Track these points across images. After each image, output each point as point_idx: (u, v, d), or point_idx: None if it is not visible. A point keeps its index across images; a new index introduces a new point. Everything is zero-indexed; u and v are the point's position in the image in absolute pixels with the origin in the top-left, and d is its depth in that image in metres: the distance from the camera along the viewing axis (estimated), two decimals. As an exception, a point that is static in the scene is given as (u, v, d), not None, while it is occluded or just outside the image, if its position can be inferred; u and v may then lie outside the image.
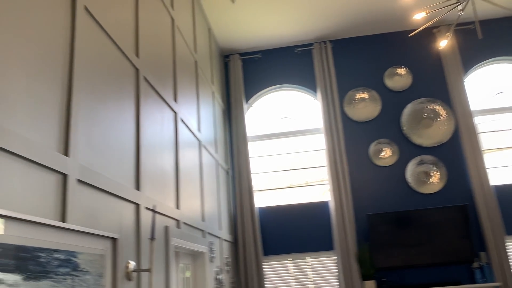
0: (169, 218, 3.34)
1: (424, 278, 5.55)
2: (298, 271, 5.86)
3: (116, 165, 2.51)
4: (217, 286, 4.63)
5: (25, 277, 1.55)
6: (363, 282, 5.47)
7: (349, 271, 5.50)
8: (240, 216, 5.97)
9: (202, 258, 4.27)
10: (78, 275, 1.91)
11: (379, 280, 5.56)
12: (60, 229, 1.81)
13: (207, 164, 4.90)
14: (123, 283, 2.40)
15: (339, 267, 5.56)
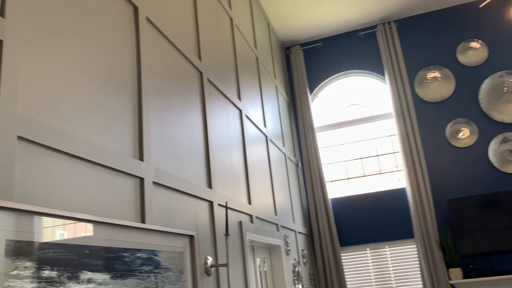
0: (242, 214, 3.42)
1: (517, 264, 5.17)
2: (377, 260, 5.72)
3: (187, 166, 2.63)
4: (295, 278, 4.66)
5: (112, 275, 1.68)
6: (448, 270, 5.22)
7: (431, 259, 5.27)
8: (313, 208, 5.95)
9: (278, 251, 4.32)
10: (160, 272, 2.03)
11: (465, 267, 5.27)
12: (141, 230, 1.93)
13: (275, 158, 4.94)
14: (202, 278, 2.51)
15: (420, 255, 5.35)
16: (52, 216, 1.41)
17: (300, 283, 4.83)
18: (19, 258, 1.25)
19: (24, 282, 1.26)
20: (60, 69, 1.66)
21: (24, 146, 1.40)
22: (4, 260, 1.20)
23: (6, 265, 1.21)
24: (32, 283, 1.29)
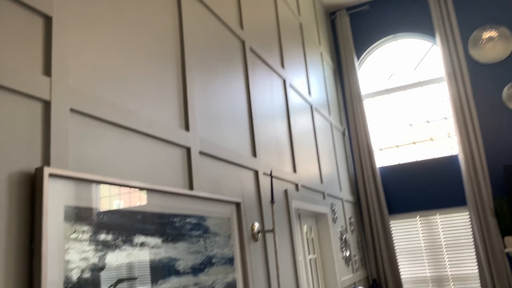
0: (287, 182, 3.45)
1: None
2: (427, 229, 5.62)
3: (231, 135, 2.67)
4: (342, 245, 4.69)
5: (164, 239, 1.77)
6: (503, 238, 5.04)
7: (485, 227, 5.09)
8: (360, 177, 5.89)
9: (324, 219, 4.34)
10: (209, 237, 2.11)
11: (522, 236, 5.06)
12: (189, 197, 2.01)
13: (321, 127, 4.89)
14: (250, 244, 2.58)
15: (473, 223, 5.19)
16: (107, 183, 1.50)
17: (348, 250, 4.85)
18: (77, 223, 1.35)
19: (83, 244, 1.36)
20: (107, 43, 1.72)
21: (76, 118, 1.48)
22: (63, 224, 1.30)
23: (65, 229, 1.30)
24: (90, 246, 1.38)
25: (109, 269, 1.44)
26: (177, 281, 1.79)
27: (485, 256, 5.06)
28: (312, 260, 4.09)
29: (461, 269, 5.39)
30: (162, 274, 1.71)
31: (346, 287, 4.54)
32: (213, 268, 2.08)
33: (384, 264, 5.53)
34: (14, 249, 1.16)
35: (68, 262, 1.28)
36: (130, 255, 1.55)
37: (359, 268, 5.30)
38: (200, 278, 1.95)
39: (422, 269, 5.56)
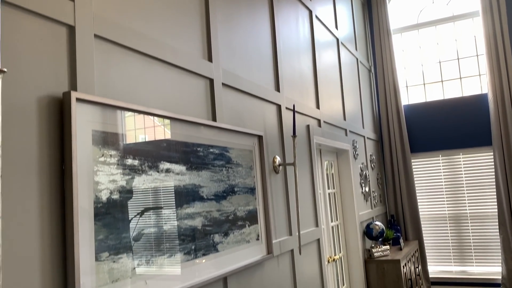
0: (309, 118, 3.45)
1: None
2: (449, 168, 5.60)
3: (255, 69, 2.64)
4: (362, 181, 4.75)
5: (188, 167, 1.82)
6: (526, 179, 5.00)
7: (509, 167, 5.04)
8: (384, 114, 5.82)
9: (345, 155, 4.37)
10: (231, 167, 2.16)
11: (547, 178, 5.01)
12: (212, 127, 2.04)
13: (347, 62, 4.78)
14: (271, 175, 2.64)
15: (496, 163, 5.14)
16: (132, 110, 1.53)
17: (367, 186, 4.91)
18: (104, 147, 1.40)
19: (111, 168, 1.42)
20: (128, -32, 1.68)
21: (101, 44, 1.49)
22: (91, 147, 1.35)
23: (94, 152, 1.36)
24: (118, 169, 1.44)
25: (136, 192, 1.51)
26: (200, 206, 1.87)
27: (506, 196, 5.06)
28: (331, 194, 4.17)
29: (480, 208, 5.42)
30: (187, 199, 1.78)
31: (364, 221, 4.65)
32: (235, 196, 2.16)
33: (403, 200, 5.61)
34: (46, 169, 1.22)
35: (98, 183, 1.35)
36: (156, 180, 1.62)
37: (378, 204, 5.39)
38: (222, 204, 2.03)
39: (441, 207, 5.62)
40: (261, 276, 2.38)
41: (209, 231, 1.91)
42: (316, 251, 3.23)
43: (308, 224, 3.13)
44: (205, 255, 1.86)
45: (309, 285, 3.01)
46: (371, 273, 4.38)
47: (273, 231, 2.56)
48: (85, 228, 1.28)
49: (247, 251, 2.21)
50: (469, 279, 5.38)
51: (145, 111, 1.58)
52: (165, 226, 1.64)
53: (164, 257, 1.61)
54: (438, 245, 5.63)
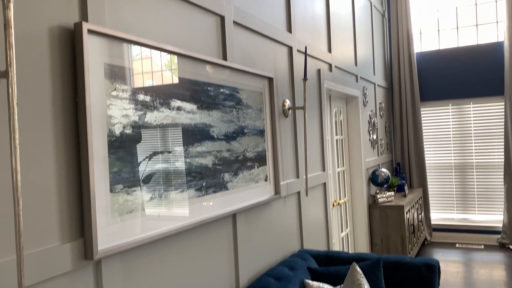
0: (321, 62, 3.39)
1: None
2: (458, 117, 5.56)
3: (267, 8, 2.56)
4: (370, 129, 4.74)
5: (199, 106, 1.82)
6: (536, 130, 4.96)
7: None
8: (396, 62, 5.70)
9: (355, 101, 4.33)
10: (241, 108, 2.16)
11: (557, 129, 4.96)
12: (223, 67, 2.01)
13: (360, 6, 4.61)
14: (280, 119, 2.64)
15: (506, 112, 5.08)
16: (144, 45, 1.50)
17: (375, 134, 4.91)
18: (117, 81, 1.39)
19: (123, 102, 1.42)
20: None
21: (110, -25, 1.43)
22: (104, 81, 1.34)
23: (106, 86, 1.35)
24: (130, 104, 1.44)
25: (149, 128, 1.51)
26: (211, 145, 1.88)
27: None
28: (338, 141, 4.19)
29: (487, 157, 5.44)
30: (198, 138, 1.79)
31: (370, 167, 4.70)
32: (244, 137, 2.17)
33: (410, 149, 5.62)
34: (60, 100, 1.22)
35: (111, 117, 1.35)
36: (168, 117, 1.62)
37: (384, 151, 5.42)
38: (232, 145, 2.05)
39: (448, 156, 5.64)
40: (269, 215, 2.44)
41: (219, 170, 1.93)
42: (322, 195, 3.29)
43: (315, 168, 3.17)
44: (215, 193, 1.90)
45: (314, 227, 3.09)
46: (374, 217, 4.48)
47: (281, 173, 2.60)
48: (99, 160, 1.30)
49: (256, 191, 2.25)
50: (470, 226, 5.50)
51: (157, 46, 1.55)
52: (177, 163, 1.66)
53: (176, 192, 1.65)
54: (442, 193, 5.71)
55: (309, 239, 2.97)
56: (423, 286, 2.22)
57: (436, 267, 2.24)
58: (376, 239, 4.48)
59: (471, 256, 4.92)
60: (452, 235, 5.59)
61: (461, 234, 5.53)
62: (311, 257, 2.52)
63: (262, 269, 2.33)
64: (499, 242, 5.26)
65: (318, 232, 3.16)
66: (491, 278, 4.16)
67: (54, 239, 1.18)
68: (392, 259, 2.34)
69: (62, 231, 1.21)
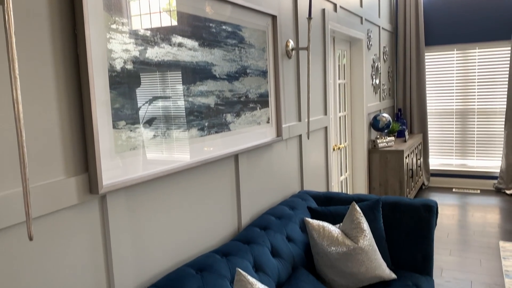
0: (326, 1, 3.27)
1: None
2: (463, 62, 5.46)
3: None
4: (373, 73, 4.67)
5: (200, 43, 1.77)
6: (541, 75, 4.90)
7: (525, 63, 4.91)
8: (402, 4, 5.51)
9: (359, 44, 4.23)
10: (244, 47, 2.10)
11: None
12: (225, 2, 1.93)
13: None
14: (283, 59, 2.58)
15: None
16: (141, -24, 1.43)
17: (378, 79, 4.85)
18: (116, 14, 1.34)
19: (123, 36, 1.37)
20: None
21: None
22: (103, 13, 1.29)
23: (105, 18, 1.30)
24: (130, 39, 1.40)
25: (150, 64, 1.48)
26: (213, 84, 1.85)
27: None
28: (341, 85, 4.14)
29: (489, 104, 5.41)
30: (200, 77, 1.76)
31: (372, 112, 4.68)
32: (247, 78, 2.13)
33: (412, 95, 5.58)
34: (58, 31, 1.18)
35: (111, 51, 1.32)
36: (169, 54, 1.58)
37: (386, 97, 5.37)
38: (234, 85, 2.02)
39: (450, 102, 5.61)
40: (270, 157, 2.46)
41: (222, 110, 1.92)
42: (323, 138, 3.29)
43: (317, 112, 3.15)
44: (218, 133, 1.89)
45: (314, 169, 3.12)
46: (373, 162, 4.53)
47: (283, 116, 2.58)
48: (101, 96, 1.28)
49: (258, 133, 2.24)
50: (468, 171, 5.57)
51: (156, -22, 1.48)
52: (179, 101, 1.64)
53: (179, 131, 1.64)
54: (442, 139, 5.73)
55: (309, 182, 3.01)
56: (421, 225, 2.27)
57: (434, 207, 2.28)
58: (374, 183, 4.55)
59: (467, 200, 5.03)
60: (449, 180, 5.68)
61: (459, 179, 5.62)
62: (311, 198, 2.57)
63: (263, 208, 2.38)
64: (495, 187, 5.35)
65: (318, 175, 3.20)
66: (485, 221, 4.27)
67: (59, 173, 1.19)
68: (391, 200, 2.38)
69: (67, 165, 1.21)
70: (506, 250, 3.49)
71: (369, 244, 2.02)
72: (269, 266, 1.84)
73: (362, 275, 1.99)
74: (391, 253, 2.31)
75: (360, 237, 2.02)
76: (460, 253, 3.52)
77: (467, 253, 3.51)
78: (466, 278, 3.08)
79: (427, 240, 2.27)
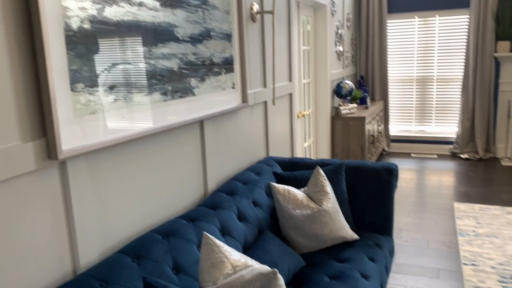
0: (290, -36, 3.20)
1: None
2: (423, 30, 5.56)
3: None
4: (337, 40, 4.68)
5: (162, 3, 1.70)
6: (496, 42, 5.06)
7: (482, 30, 5.06)
8: (365, -30, 5.50)
9: (323, 10, 4.21)
10: (208, 9, 2.04)
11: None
12: (186, -39, 1.85)
13: None
14: (248, 23, 2.53)
15: (470, 25, 5.12)
16: None
17: (341, 46, 4.87)
18: (70, -32, 1.25)
19: (80, -7, 1.29)
20: None
21: None
22: (56, -34, 1.20)
23: (59, -28, 1.21)
24: (87, -4, 1.32)
25: (109, 24, 1.41)
26: (176, 47, 1.79)
27: (473, 60, 5.16)
28: (305, 51, 4.13)
29: (448, 71, 5.56)
30: (161, 38, 1.69)
31: (335, 79, 4.71)
32: (211, 41, 2.07)
33: (374, 62, 5.65)
34: (7, -13, 1.10)
35: (66, 9, 1.24)
36: (129, 13, 1.51)
37: (350, 64, 5.42)
38: (198, 48, 1.96)
39: (410, 70, 5.73)
40: (236, 123, 2.44)
41: (186, 75, 1.87)
42: (288, 105, 3.30)
43: (282, 79, 3.14)
44: (182, 98, 1.85)
45: (279, 136, 3.14)
46: (336, 128, 4.60)
47: (248, 81, 2.55)
48: (57, 56, 1.21)
49: (223, 98, 2.21)
50: (426, 137, 5.77)
51: None
52: (140, 64, 1.58)
53: (141, 95, 1.59)
54: (402, 106, 5.88)
55: (274, 148, 3.03)
56: (382, 188, 2.35)
57: (394, 170, 2.35)
58: (337, 149, 4.64)
59: (425, 164, 5.23)
60: (408, 145, 5.87)
61: (417, 144, 5.82)
62: (276, 163, 2.59)
63: (229, 174, 2.38)
64: (451, 152, 5.59)
65: (283, 141, 3.22)
66: (441, 184, 4.47)
67: (14, 137, 1.13)
68: (354, 164, 2.43)
69: (23, 129, 1.15)
70: (460, 211, 3.68)
71: (333, 206, 2.07)
72: (236, 230, 1.86)
73: (326, 236, 2.05)
74: (353, 215, 2.38)
75: (324, 199, 2.07)
76: (417, 215, 3.68)
77: (424, 214, 3.68)
78: (423, 238, 3.23)
79: (388, 202, 2.35)
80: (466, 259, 2.86)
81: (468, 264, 2.79)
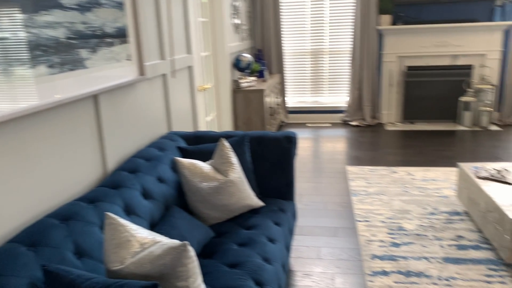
0: None
1: (441, 15, 5.50)
2: (315, 3, 5.78)
3: None
4: (233, 13, 4.67)
5: (42, -36, 1.52)
6: (378, 16, 5.47)
7: (367, 5, 5.41)
8: None
9: (218, -18, 4.15)
10: (95, -26, 1.88)
11: (396, 15, 5.54)
12: None
13: None
14: (141, -8, 2.39)
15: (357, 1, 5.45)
16: None
17: (238, 19, 4.87)
18: None
19: None
20: None
21: None
22: None
23: None
24: None
25: (-24, -14, 1.22)
26: (62, 15, 1.63)
27: (360, 33, 5.53)
28: (203, 23, 4.05)
29: (338, 44, 5.89)
30: (44, 5, 1.53)
31: (234, 52, 4.72)
32: (101, 9, 1.93)
33: (270, 36, 5.76)
34: None
35: None
36: (2, -26, 1.33)
37: (247, 37, 5.46)
38: (87, 17, 1.81)
39: (304, 43, 5.95)
40: (134, 97, 2.33)
41: (75, 45, 1.72)
42: (188, 79, 3.23)
43: (180, 51, 3.05)
44: (72, 71, 1.70)
45: (181, 111, 3.07)
46: (238, 102, 4.65)
47: (145, 53, 2.44)
48: None
49: (118, 71, 2.09)
50: (320, 107, 6.10)
51: None
52: (20, 33, 1.41)
53: (25, 68, 1.43)
54: (298, 78, 6.11)
55: (176, 123, 2.96)
56: (283, 156, 2.44)
57: (294, 138, 2.45)
58: (239, 122, 4.70)
59: (319, 133, 5.55)
60: (304, 116, 6.16)
61: (312, 115, 6.13)
62: (180, 138, 2.54)
63: (130, 151, 2.28)
64: (343, 120, 5.99)
65: (185, 116, 3.16)
66: (334, 150, 4.78)
67: None
68: (256, 134, 2.48)
69: None
70: (352, 173, 3.99)
71: (238, 176, 2.10)
72: (141, 208, 1.80)
73: (233, 206, 2.08)
74: (258, 183, 2.45)
75: (229, 170, 2.09)
76: (315, 179, 3.91)
77: (321, 179, 3.92)
78: (321, 200, 3.45)
79: (289, 169, 2.45)
80: (359, 216, 3.12)
81: (361, 221, 3.05)
